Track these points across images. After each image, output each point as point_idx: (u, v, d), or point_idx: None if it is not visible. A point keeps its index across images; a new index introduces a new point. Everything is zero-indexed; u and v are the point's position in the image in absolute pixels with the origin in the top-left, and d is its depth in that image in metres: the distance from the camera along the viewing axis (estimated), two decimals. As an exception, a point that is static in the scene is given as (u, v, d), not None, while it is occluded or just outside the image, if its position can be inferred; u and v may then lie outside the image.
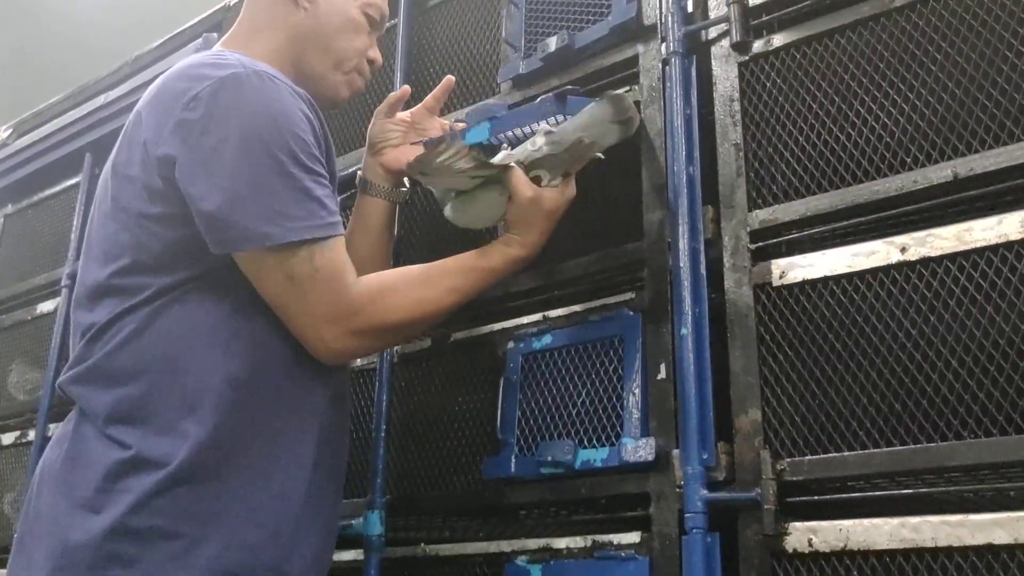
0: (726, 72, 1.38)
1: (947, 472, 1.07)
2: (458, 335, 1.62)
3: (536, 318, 1.52)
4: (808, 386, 1.19)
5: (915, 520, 1.07)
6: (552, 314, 1.50)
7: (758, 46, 1.35)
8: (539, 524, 1.43)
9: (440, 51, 1.84)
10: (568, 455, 1.35)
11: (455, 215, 1.39)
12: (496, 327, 1.57)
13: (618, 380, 1.36)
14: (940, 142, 1.17)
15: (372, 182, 1.54)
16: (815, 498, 1.15)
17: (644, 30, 1.48)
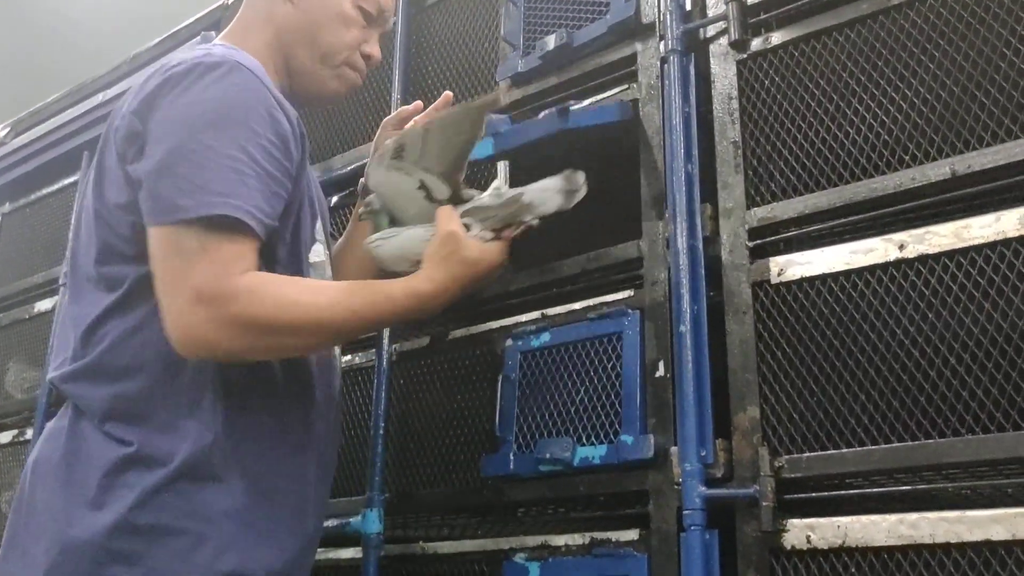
0: (724, 70, 1.38)
1: (945, 469, 1.07)
2: (456, 333, 1.62)
3: (535, 316, 1.52)
4: (806, 383, 1.20)
5: (913, 516, 1.07)
6: (551, 312, 1.50)
7: (756, 44, 1.35)
8: (538, 521, 1.44)
9: (439, 49, 1.84)
10: (567, 452, 1.35)
11: (377, 243, 1.33)
12: (494, 325, 1.57)
13: (617, 377, 1.36)
14: (938, 140, 1.17)
15: None
16: (813, 495, 1.16)
17: (643, 28, 1.48)
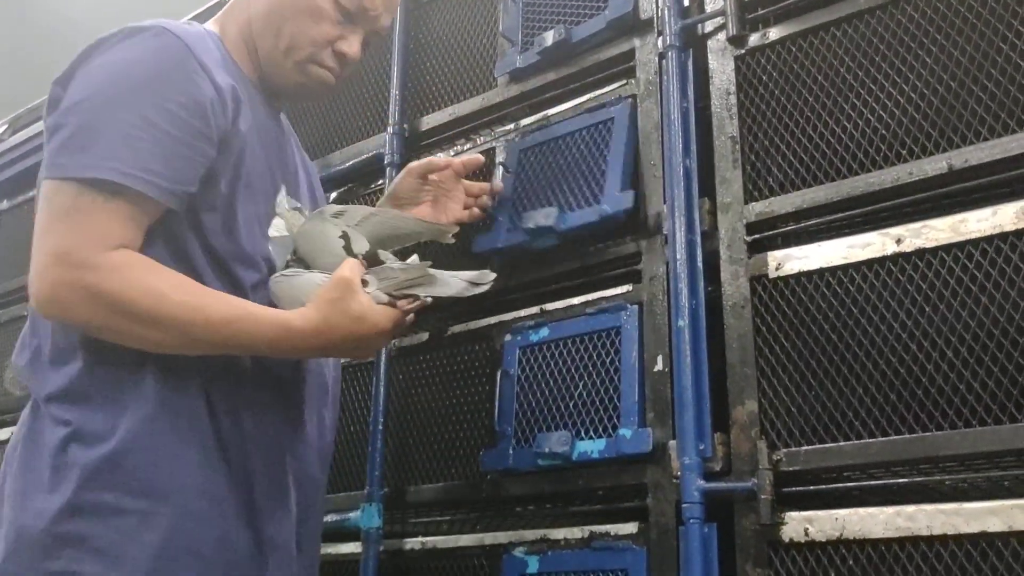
0: (722, 65, 1.38)
1: (942, 461, 1.07)
2: (455, 328, 1.63)
3: (533, 311, 1.52)
4: (804, 377, 1.20)
5: (910, 509, 1.08)
6: (549, 307, 1.51)
7: (754, 39, 1.36)
8: (537, 515, 1.44)
9: (437, 46, 1.84)
10: (565, 447, 1.35)
11: (277, 279, 1.28)
12: (493, 320, 1.57)
13: (615, 372, 1.37)
14: (935, 134, 1.17)
15: None
16: (811, 488, 1.16)
17: (641, 24, 1.49)
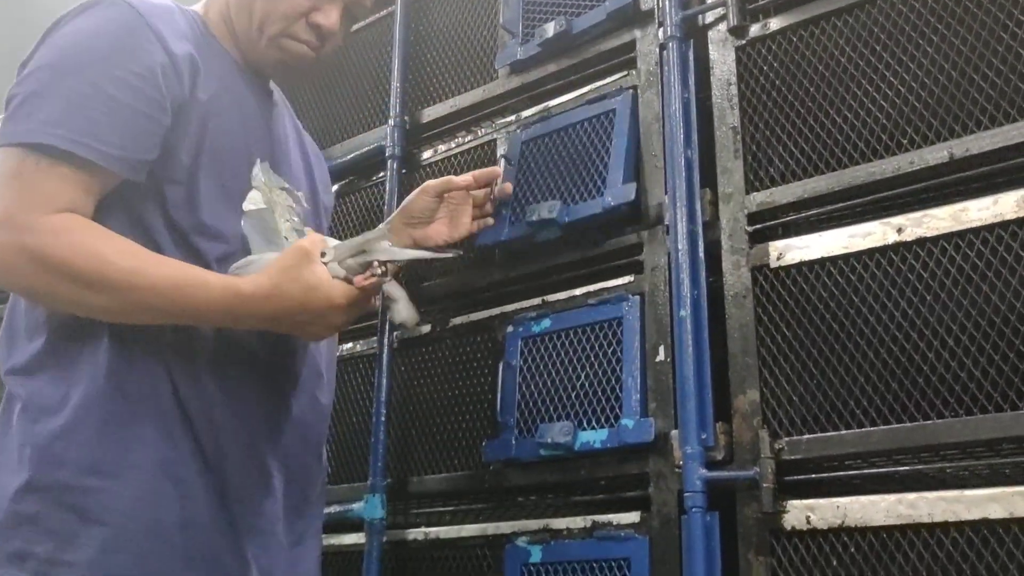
0: (723, 56, 1.38)
1: (943, 449, 1.08)
2: (457, 320, 1.63)
3: (535, 302, 1.53)
4: (806, 366, 1.20)
5: (912, 496, 1.08)
6: (551, 298, 1.51)
7: (755, 30, 1.36)
8: (539, 505, 1.45)
9: (437, 37, 1.84)
10: (567, 437, 1.36)
11: (234, 269, 1.24)
12: (495, 311, 1.58)
13: (617, 362, 1.37)
14: (936, 123, 1.17)
15: None
16: (813, 476, 1.17)
17: (641, 15, 1.49)
